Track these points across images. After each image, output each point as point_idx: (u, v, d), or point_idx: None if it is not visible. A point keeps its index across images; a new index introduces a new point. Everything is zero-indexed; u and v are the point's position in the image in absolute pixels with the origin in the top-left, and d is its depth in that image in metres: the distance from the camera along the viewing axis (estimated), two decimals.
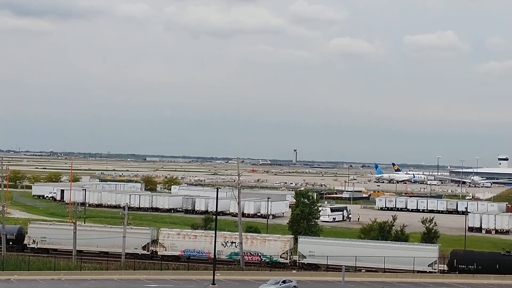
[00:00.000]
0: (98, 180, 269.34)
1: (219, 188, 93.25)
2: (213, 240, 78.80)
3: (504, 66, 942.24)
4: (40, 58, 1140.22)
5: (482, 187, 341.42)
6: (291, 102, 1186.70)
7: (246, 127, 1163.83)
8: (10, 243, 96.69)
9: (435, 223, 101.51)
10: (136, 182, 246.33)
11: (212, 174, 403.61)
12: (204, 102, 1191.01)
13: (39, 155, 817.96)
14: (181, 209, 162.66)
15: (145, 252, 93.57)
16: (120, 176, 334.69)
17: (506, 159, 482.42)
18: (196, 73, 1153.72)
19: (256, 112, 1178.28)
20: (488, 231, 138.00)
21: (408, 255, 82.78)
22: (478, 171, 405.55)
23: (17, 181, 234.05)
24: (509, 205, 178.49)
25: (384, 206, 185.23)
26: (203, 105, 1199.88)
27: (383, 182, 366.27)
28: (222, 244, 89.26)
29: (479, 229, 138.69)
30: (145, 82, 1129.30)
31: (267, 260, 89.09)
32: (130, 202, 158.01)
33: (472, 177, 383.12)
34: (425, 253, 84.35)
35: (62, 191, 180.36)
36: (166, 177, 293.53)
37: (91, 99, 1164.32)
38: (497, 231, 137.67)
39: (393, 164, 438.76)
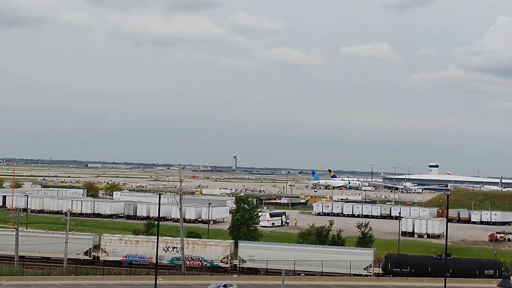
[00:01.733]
0: (40, 186, 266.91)
1: (161, 194, 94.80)
2: (155, 245, 79.78)
3: (434, 77, 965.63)
4: None
5: (414, 193, 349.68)
6: (231, 110, 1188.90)
7: (187, 134, 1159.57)
8: None
9: (370, 228, 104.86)
10: (78, 188, 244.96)
11: (154, 180, 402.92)
12: (145, 109, 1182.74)
13: None
14: (123, 215, 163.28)
15: (87, 257, 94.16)
16: (62, 182, 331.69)
17: (436, 166, 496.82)
18: (138, 81, 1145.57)
19: (197, 119, 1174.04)
20: (420, 236, 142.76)
21: (344, 259, 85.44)
22: (410, 177, 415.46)
23: None
24: (440, 210, 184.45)
25: (321, 211, 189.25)
26: (144, 112, 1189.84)
27: (320, 188, 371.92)
28: (164, 249, 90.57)
29: (412, 234, 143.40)
30: (87, 89, 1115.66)
31: (208, 265, 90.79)
32: (72, 208, 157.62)
33: (404, 183, 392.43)
34: (361, 256, 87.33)
35: (4, 197, 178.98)
36: (108, 183, 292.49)
37: (33, 106, 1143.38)
38: (428, 236, 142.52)
39: (329, 171, 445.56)
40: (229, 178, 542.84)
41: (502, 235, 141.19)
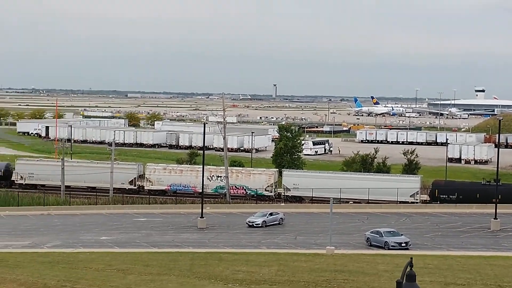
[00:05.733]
0: (81, 116, 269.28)
1: (206, 123, 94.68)
2: (199, 174, 79.77)
3: None
4: None
5: (459, 118, 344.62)
6: (272, 37, 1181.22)
7: (226, 62, 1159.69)
8: None
9: (416, 155, 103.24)
10: (119, 118, 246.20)
11: (194, 109, 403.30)
12: (183, 37, 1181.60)
13: (21, 92, 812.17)
14: (165, 145, 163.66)
15: (132, 187, 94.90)
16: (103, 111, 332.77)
17: (483, 91, 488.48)
18: (175, 7, 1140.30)
19: (237, 47, 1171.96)
20: (467, 162, 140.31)
21: (391, 186, 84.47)
22: (455, 103, 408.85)
23: (1, 118, 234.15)
24: (487, 136, 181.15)
25: (364, 139, 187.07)
26: (182, 41, 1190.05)
27: (362, 115, 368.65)
28: (208, 178, 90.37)
29: (459, 160, 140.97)
30: (124, 17, 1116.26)
31: (252, 193, 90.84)
32: (114, 138, 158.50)
33: (449, 109, 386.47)
34: (408, 184, 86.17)
35: (47, 127, 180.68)
36: (148, 113, 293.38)
37: (69, 36, 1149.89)
38: (476, 162, 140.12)
39: (372, 98, 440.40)
40: (269, 106, 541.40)
41: None
